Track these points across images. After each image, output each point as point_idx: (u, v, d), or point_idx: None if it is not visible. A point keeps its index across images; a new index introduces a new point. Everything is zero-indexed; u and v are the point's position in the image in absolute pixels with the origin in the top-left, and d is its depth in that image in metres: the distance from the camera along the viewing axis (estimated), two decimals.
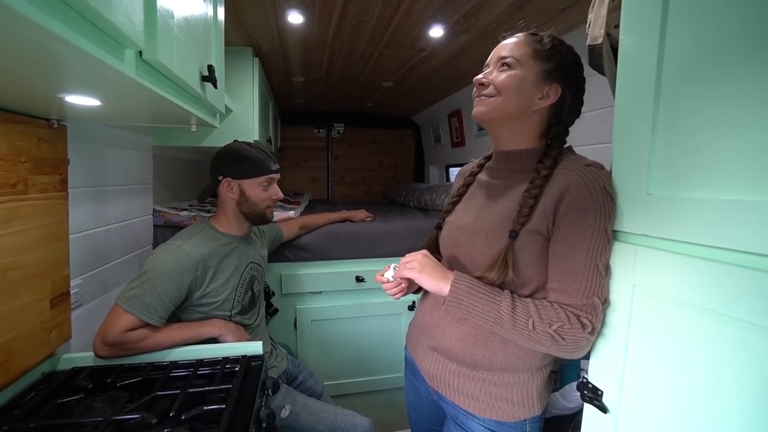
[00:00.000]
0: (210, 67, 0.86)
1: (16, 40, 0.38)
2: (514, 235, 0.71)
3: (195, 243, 1.07)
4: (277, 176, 1.20)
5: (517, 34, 0.78)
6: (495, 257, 0.72)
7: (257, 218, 1.19)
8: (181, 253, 1.03)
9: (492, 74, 0.76)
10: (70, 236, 0.98)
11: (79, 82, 0.56)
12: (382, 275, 0.83)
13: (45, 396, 0.82)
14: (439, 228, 0.93)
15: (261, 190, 1.16)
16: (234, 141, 1.21)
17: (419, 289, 0.91)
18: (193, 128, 1.06)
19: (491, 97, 0.75)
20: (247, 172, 1.13)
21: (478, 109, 0.77)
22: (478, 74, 0.79)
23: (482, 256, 0.76)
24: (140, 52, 0.56)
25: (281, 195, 1.21)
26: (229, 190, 1.14)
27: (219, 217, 1.18)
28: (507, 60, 0.74)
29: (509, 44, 0.76)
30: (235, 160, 1.14)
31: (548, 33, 0.77)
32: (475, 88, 0.79)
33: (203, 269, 1.06)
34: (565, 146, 0.79)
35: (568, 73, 0.75)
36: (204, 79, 0.85)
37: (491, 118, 0.77)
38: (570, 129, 0.80)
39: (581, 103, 0.80)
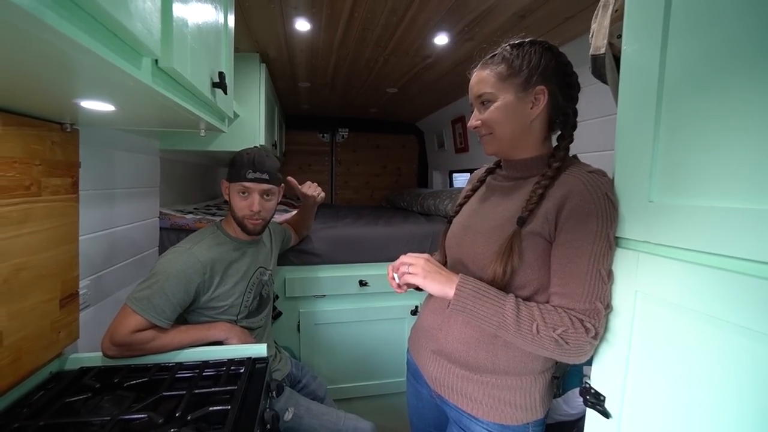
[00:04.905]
0: (221, 74, 0.88)
1: (43, 49, 0.40)
2: (521, 221, 0.73)
3: (204, 246, 1.09)
4: (256, 186, 1.11)
5: (479, 66, 0.80)
6: (500, 247, 0.73)
7: (240, 225, 1.15)
8: (190, 256, 1.04)
9: (479, 114, 0.80)
10: (80, 238, 1.00)
11: (97, 89, 0.58)
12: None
13: (53, 395, 0.84)
14: (449, 223, 0.95)
15: (239, 197, 1.12)
16: (253, 147, 1.20)
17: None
18: (202, 133, 1.08)
19: (489, 134, 0.79)
20: (231, 175, 1.13)
21: (486, 148, 0.83)
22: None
23: (484, 255, 0.77)
24: (156, 60, 0.58)
25: (256, 207, 1.11)
26: (225, 192, 1.17)
27: (228, 221, 1.20)
28: (484, 97, 0.78)
29: (478, 80, 0.79)
30: (230, 163, 1.15)
31: (504, 44, 0.79)
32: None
33: (211, 273, 1.07)
34: (570, 155, 0.80)
35: (543, 69, 0.75)
36: (215, 85, 0.87)
37: (498, 151, 0.82)
38: (577, 130, 0.81)
39: (573, 85, 0.80)
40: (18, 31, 0.34)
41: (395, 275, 0.81)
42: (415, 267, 0.77)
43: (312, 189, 1.45)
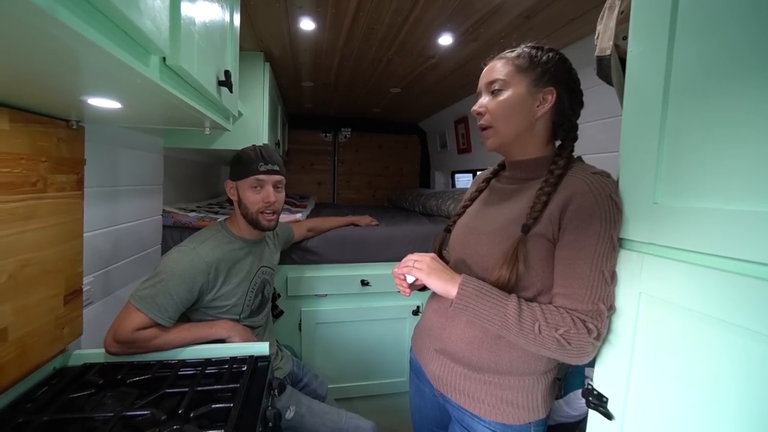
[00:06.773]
0: (227, 72, 0.88)
1: (54, 46, 0.40)
2: (526, 229, 0.73)
3: (209, 246, 1.09)
4: (269, 178, 1.13)
5: (496, 57, 0.81)
6: (505, 254, 0.73)
7: (252, 223, 1.15)
8: (195, 257, 1.05)
9: (485, 101, 0.80)
10: (84, 234, 1.00)
11: (105, 86, 0.59)
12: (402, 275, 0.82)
13: (57, 391, 0.84)
14: (448, 230, 0.94)
15: (251, 192, 1.12)
16: (253, 145, 1.20)
17: (425, 287, 0.92)
18: (207, 131, 1.08)
19: (489, 127, 0.79)
20: (239, 173, 1.13)
21: (486, 144, 0.82)
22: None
23: (488, 257, 0.77)
24: (164, 58, 0.58)
25: (272, 198, 1.13)
26: (231, 192, 1.17)
27: (233, 220, 1.20)
28: (495, 85, 0.78)
29: (493, 68, 0.80)
30: (234, 162, 1.15)
31: (525, 44, 0.80)
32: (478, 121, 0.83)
33: (215, 273, 1.08)
34: (575, 156, 0.80)
35: (556, 73, 0.77)
36: (221, 83, 0.87)
37: (499, 147, 0.81)
38: (579, 136, 0.81)
39: (580, 93, 0.81)
40: (30, 28, 0.34)
41: (403, 275, 0.80)
42: (420, 263, 0.78)
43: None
